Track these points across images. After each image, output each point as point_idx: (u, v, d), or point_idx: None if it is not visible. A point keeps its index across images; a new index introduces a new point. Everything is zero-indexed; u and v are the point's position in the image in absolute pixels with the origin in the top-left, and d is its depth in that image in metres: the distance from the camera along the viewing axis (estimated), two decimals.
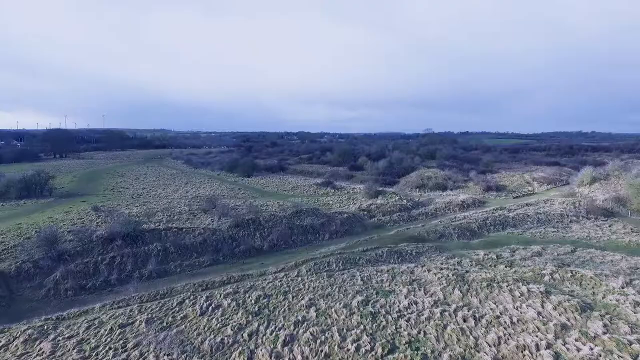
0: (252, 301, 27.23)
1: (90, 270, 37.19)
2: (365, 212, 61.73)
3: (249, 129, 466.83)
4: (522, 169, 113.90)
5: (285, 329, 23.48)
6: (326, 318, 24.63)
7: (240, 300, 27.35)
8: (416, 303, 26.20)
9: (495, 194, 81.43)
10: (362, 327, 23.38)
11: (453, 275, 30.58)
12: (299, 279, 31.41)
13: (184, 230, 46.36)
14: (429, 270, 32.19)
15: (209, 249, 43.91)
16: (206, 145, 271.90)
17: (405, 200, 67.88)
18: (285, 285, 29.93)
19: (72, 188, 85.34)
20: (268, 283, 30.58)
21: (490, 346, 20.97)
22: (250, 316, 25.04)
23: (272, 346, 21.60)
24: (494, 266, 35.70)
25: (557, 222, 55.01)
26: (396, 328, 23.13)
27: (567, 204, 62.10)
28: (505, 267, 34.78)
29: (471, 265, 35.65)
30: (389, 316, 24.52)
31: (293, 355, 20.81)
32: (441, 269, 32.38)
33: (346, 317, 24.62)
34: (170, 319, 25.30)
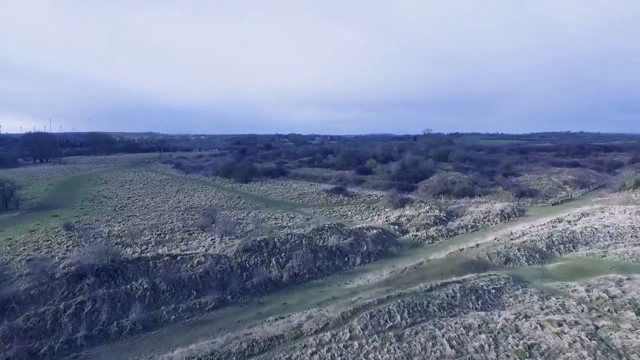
0: None
1: (47, 325, 26.33)
2: (396, 227, 51.66)
3: (238, 132, 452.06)
4: (545, 171, 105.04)
5: None
6: None
7: None
8: None
9: (531, 200, 72.08)
10: None
11: (587, 336, 20.56)
12: (356, 344, 21.06)
13: (178, 258, 35.64)
14: (541, 326, 22.14)
15: (213, 284, 33.30)
16: (196, 148, 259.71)
17: (437, 210, 57.97)
18: None
19: (45, 198, 73.82)
20: (311, 354, 20.17)
21: None
22: None
23: None
24: (615, 311, 25.85)
25: (632, 236, 45.55)
26: None
27: (631, 214, 52.80)
28: (637, 315, 24.92)
29: (582, 311, 25.67)
30: None
31: None
32: (559, 324, 22.33)
33: None
34: None
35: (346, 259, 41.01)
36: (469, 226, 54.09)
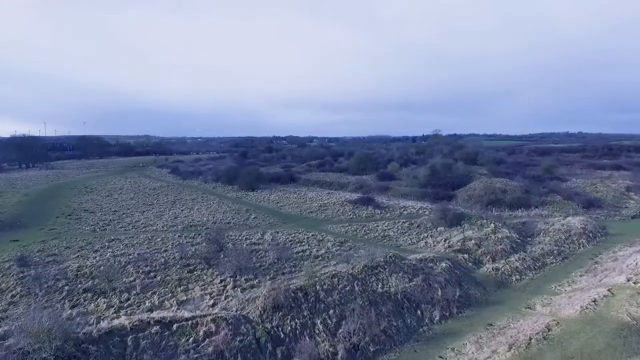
0: None
1: None
2: (465, 255, 38.87)
3: (235, 134, 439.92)
4: (591, 175, 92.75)
5: None
6: None
7: None
8: None
9: (604, 213, 59.55)
10: None
11: None
12: None
13: (174, 327, 22.63)
14: None
15: None
16: (193, 151, 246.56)
17: (507, 230, 45.22)
18: None
19: (13, 214, 60.43)
20: None
21: None
22: None
23: None
24: None
25: None
26: None
27: None
28: None
29: None
30: None
31: None
32: None
33: None
34: None
35: (419, 312, 28.18)
36: (555, 252, 41.44)
